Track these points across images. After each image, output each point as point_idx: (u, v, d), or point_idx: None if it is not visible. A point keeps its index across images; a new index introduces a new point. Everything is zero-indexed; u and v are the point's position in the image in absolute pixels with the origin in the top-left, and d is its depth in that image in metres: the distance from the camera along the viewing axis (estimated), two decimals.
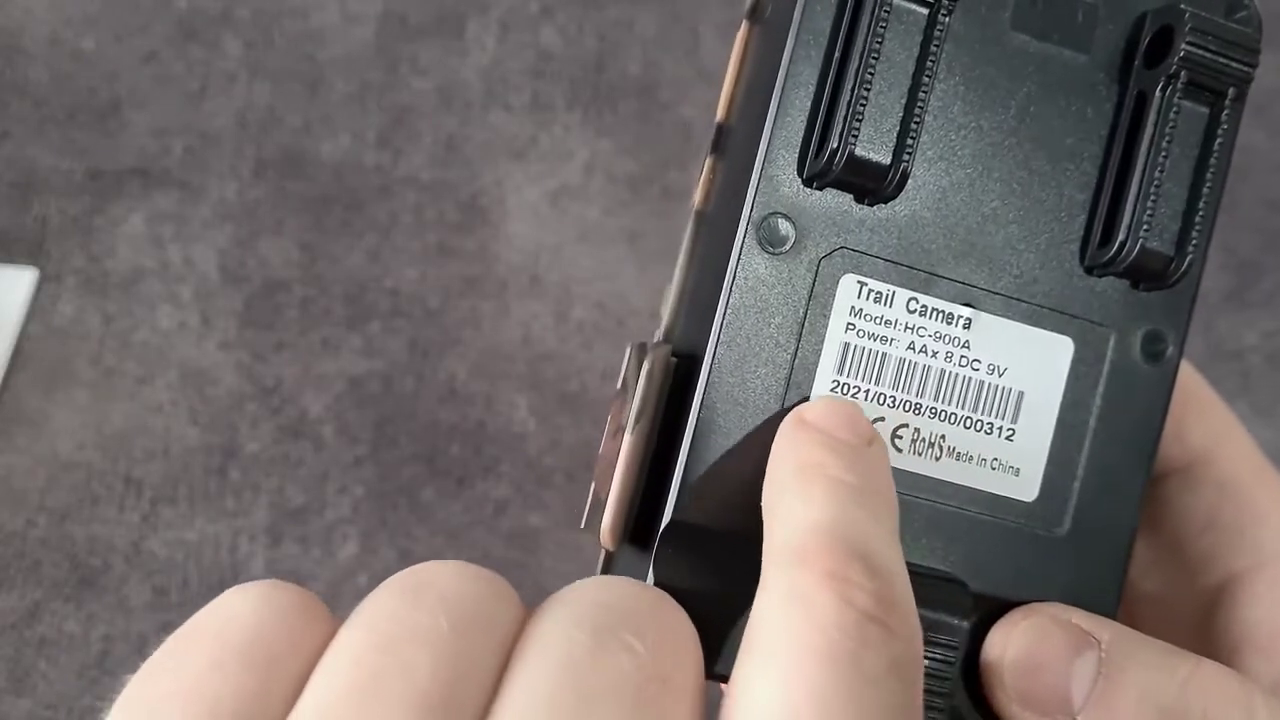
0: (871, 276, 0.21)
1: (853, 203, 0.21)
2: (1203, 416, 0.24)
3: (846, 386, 0.21)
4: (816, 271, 0.21)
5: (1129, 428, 0.22)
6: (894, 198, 0.21)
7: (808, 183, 0.21)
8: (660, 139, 0.83)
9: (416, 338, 0.76)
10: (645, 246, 0.80)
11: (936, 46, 0.20)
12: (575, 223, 0.80)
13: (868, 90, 0.20)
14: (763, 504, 0.19)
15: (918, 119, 0.20)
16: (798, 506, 0.18)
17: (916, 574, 0.19)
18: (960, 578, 0.21)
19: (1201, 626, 0.23)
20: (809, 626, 0.16)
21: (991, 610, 0.21)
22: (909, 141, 0.20)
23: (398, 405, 0.74)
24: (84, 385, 0.75)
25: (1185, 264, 0.21)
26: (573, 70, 0.85)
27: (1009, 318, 0.21)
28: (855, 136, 0.20)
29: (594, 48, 0.86)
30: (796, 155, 0.21)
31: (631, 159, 0.83)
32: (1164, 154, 0.21)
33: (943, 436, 0.21)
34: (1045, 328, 0.22)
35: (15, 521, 0.71)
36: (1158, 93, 0.21)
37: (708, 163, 0.23)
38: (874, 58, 0.20)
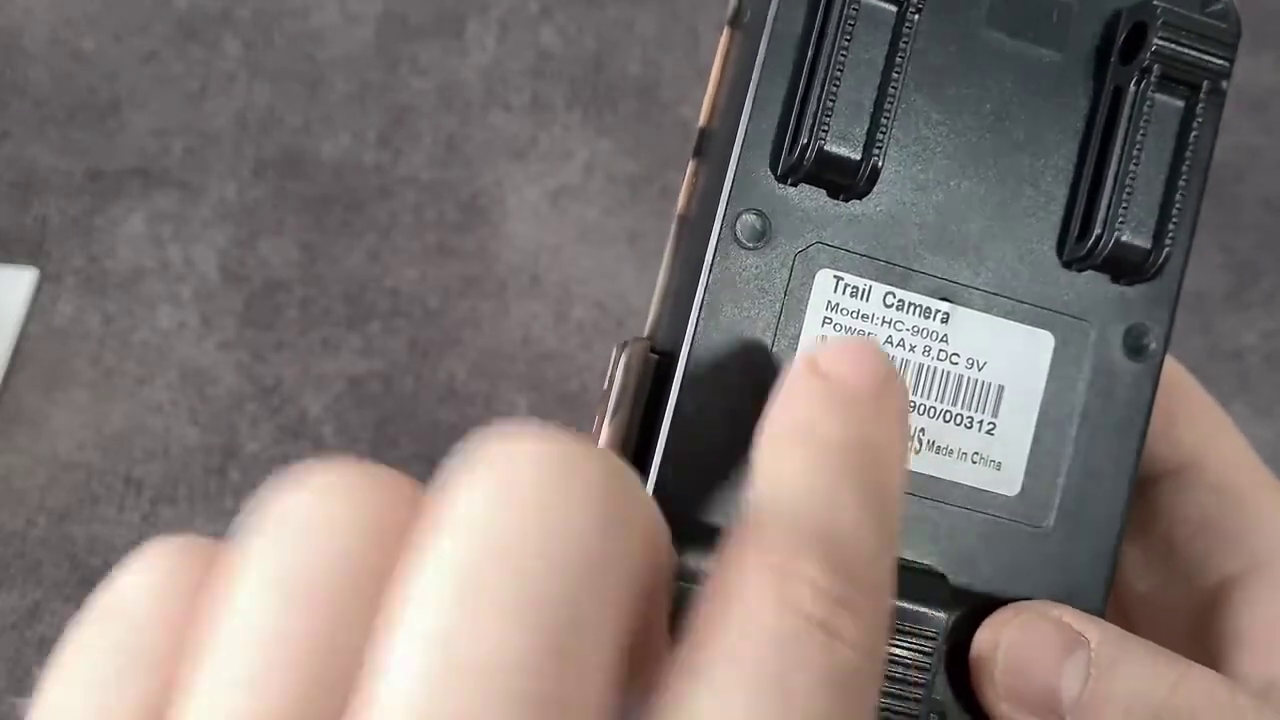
0: (848, 271, 0.21)
1: (827, 199, 0.21)
2: (1195, 418, 0.24)
3: None
4: (792, 267, 0.21)
5: (1113, 423, 0.22)
6: (867, 193, 0.21)
7: (782, 179, 0.21)
8: (660, 139, 0.83)
9: (416, 338, 0.76)
10: (645, 246, 0.80)
11: (905, 44, 0.21)
12: (575, 223, 0.80)
13: (837, 86, 0.20)
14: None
15: (887, 114, 0.20)
16: (767, 474, 0.16)
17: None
18: (940, 570, 0.21)
19: (1196, 629, 0.23)
20: (738, 635, 0.14)
21: (976, 605, 0.21)
22: (879, 136, 0.20)
23: (398, 405, 0.74)
24: (84, 385, 0.75)
25: (1163, 256, 0.21)
26: (573, 70, 0.85)
27: (987, 312, 0.21)
28: (825, 132, 0.20)
29: (594, 48, 0.86)
30: (770, 152, 0.21)
31: (631, 159, 0.83)
32: (1138, 147, 0.21)
33: (922, 430, 0.21)
34: (1024, 322, 0.22)
35: (15, 521, 0.71)
36: (1132, 87, 0.21)
37: (690, 166, 0.23)
38: (843, 55, 0.20)
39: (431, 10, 0.87)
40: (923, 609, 0.20)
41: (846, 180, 0.21)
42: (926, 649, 0.20)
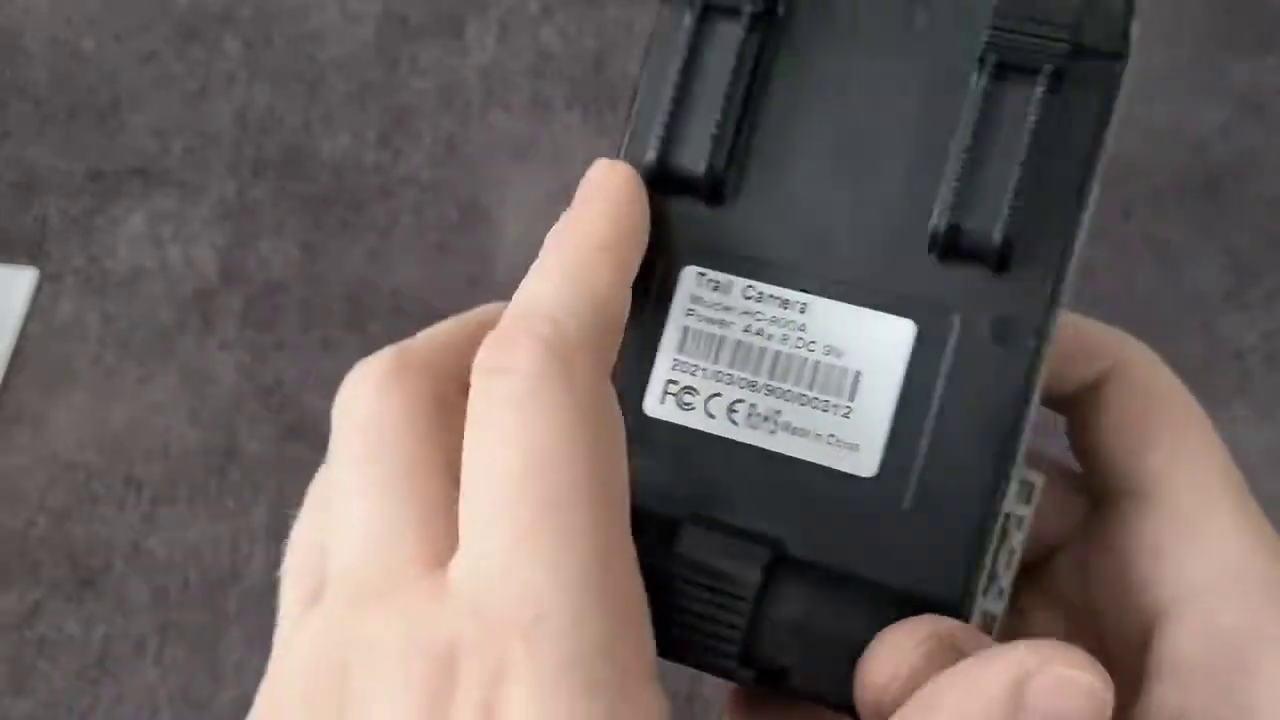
0: (711, 267, 0.23)
1: (695, 203, 0.23)
2: (1170, 436, 0.23)
3: (686, 364, 0.23)
4: (663, 264, 0.23)
5: (979, 412, 0.21)
6: (723, 197, 0.23)
7: (652, 186, 0.23)
8: None
9: None
10: None
11: (755, 60, 0.23)
12: None
13: (678, 104, 0.23)
14: None
15: (719, 124, 0.23)
16: None
17: (729, 532, 0.22)
18: (784, 541, 0.22)
19: (1141, 649, 0.23)
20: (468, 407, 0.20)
21: (827, 580, 0.22)
22: (719, 147, 0.23)
23: None
24: (84, 385, 0.75)
25: (1011, 243, 0.21)
26: (573, 70, 0.85)
27: (847, 302, 0.22)
28: (669, 145, 0.23)
29: (594, 48, 0.86)
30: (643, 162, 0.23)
31: None
32: (976, 137, 0.21)
33: (778, 412, 0.22)
34: (884, 310, 0.22)
35: (15, 521, 0.71)
36: (974, 76, 0.22)
37: None
38: (685, 74, 0.23)
39: (431, 10, 0.87)
40: (733, 568, 0.21)
41: (698, 188, 0.23)
42: (736, 607, 0.21)
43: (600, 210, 0.22)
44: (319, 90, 0.85)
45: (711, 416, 0.23)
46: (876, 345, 0.22)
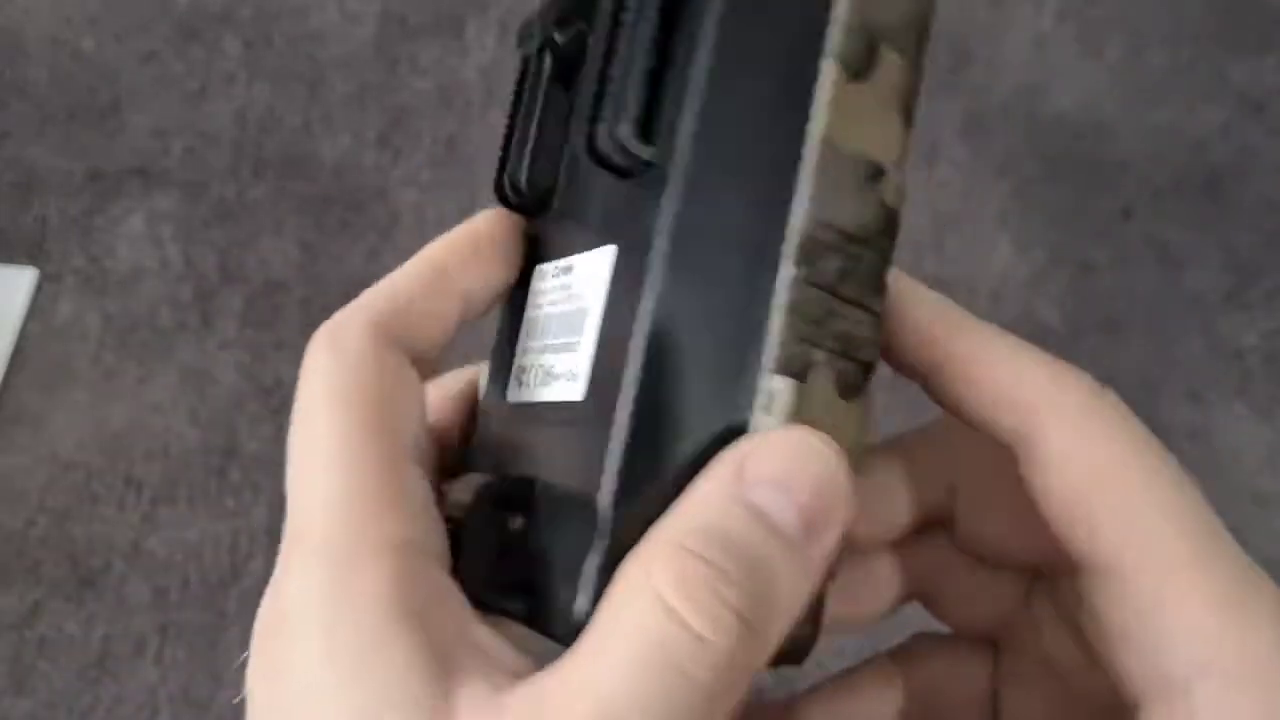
0: (544, 258, 0.26)
1: (546, 214, 0.26)
2: (1115, 511, 0.21)
3: (525, 347, 0.26)
4: (530, 267, 0.26)
5: (628, 317, 0.21)
6: (538, 209, 0.26)
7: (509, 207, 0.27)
8: None
9: None
10: None
11: (558, 81, 0.25)
12: None
13: (510, 130, 0.26)
14: None
15: (520, 144, 0.26)
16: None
17: (489, 474, 0.24)
18: (522, 471, 0.24)
19: None
20: None
21: (537, 499, 0.23)
22: (521, 164, 0.26)
23: None
24: (84, 385, 0.75)
25: (621, 138, 0.21)
26: None
27: (588, 250, 0.24)
28: (504, 171, 0.26)
29: None
30: None
31: None
32: (606, 57, 0.22)
33: (552, 366, 0.24)
34: (601, 244, 0.23)
35: (15, 521, 0.71)
36: None
37: None
38: (515, 104, 0.26)
39: (431, 10, 0.87)
40: (454, 501, 0.23)
41: (527, 204, 0.26)
42: (462, 539, 0.23)
43: (447, 236, 0.26)
44: (319, 90, 0.85)
45: (527, 386, 0.25)
46: (595, 277, 0.23)
